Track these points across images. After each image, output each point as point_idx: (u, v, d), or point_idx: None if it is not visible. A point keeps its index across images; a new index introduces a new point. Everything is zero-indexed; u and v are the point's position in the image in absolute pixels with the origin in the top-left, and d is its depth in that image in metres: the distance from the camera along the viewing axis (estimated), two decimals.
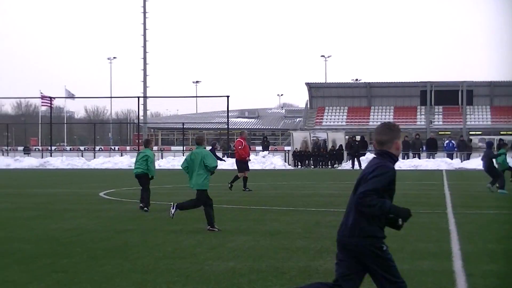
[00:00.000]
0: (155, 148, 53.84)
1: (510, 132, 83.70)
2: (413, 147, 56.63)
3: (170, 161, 57.12)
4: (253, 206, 20.53)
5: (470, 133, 78.30)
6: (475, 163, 52.33)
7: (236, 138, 31.67)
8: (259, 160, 53.55)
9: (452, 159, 54.18)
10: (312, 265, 10.65)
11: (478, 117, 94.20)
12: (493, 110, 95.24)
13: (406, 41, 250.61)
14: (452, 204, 21.16)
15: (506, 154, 27.50)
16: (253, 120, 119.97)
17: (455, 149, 56.90)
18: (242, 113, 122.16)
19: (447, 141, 60.05)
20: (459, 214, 17.92)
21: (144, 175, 19.57)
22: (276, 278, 9.72)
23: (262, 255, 11.62)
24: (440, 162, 52.26)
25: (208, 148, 24.94)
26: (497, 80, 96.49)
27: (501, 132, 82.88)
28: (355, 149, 53.30)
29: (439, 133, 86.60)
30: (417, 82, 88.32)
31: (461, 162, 53.55)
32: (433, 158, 55.16)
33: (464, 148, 56.60)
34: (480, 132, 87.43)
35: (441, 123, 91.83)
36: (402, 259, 11.17)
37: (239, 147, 27.84)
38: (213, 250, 12.12)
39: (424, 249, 12.12)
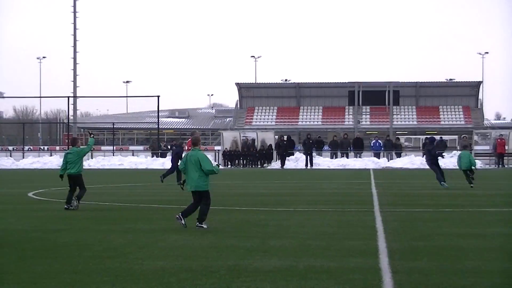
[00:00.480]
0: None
1: (435, 132, 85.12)
2: (341, 147, 57.26)
3: (100, 161, 56.72)
4: (184, 206, 20.54)
5: (397, 132, 79.40)
6: (401, 162, 53.23)
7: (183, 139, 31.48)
8: None
9: (379, 158, 54.90)
10: (241, 264, 10.75)
11: (404, 117, 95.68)
12: (418, 110, 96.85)
13: (335, 42, 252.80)
14: (379, 202, 21.48)
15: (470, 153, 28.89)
16: (183, 120, 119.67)
17: (382, 148, 57.66)
18: (172, 113, 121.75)
19: (374, 141, 60.78)
20: (385, 212, 18.23)
21: (79, 175, 19.47)
22: (206, 277, 9.80)
23: (192, 254, 11.69)
24: (368, 162, 52.91)
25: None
26: (422, 80, 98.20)
27: (427, 132, 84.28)
28: (283, 148, 53.71)
29: (367, 132, 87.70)
30: (345, 82, 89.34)
31: (388, 161, 54.31)
32: (360, 157, 55.81)
33: (391, 148, 57.40)
34: (406, 132, 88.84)
35: (368, 123, 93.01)
36: (330, 257, 11.36)
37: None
38: (143, 250, 12.15)
39: (351, 247, 12.31)
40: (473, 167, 28.16)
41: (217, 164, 15.63)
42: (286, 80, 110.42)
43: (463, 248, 12.11)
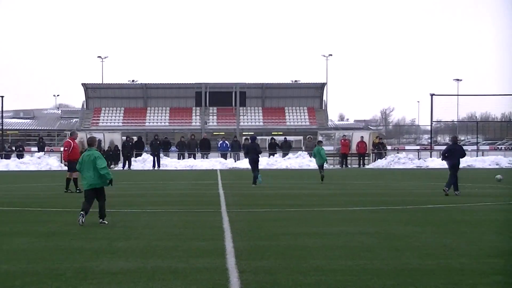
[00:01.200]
0: None
1: (280, 133, 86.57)
2: (189, 148, 57.35)
3: None
4: (28, 208, 20.12)
5: (243, 133, 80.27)
6: (248, 163, 53.80)
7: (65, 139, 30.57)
8: (34, 161, 52.29)
9: (226, 159, 55.33)
10: (88, 266, 10.64)
11: (251, 118, 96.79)
12: (265, 111, 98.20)
13: (182, 43, 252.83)
14: (226, 202, 21.67)
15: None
16: (28, 120, 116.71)
17: (229, 149, 58.13)
18: (17, 114, 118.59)
19: (221, 142, 61.19)
20: (232, 212, 18.42)
21: None
22: (51, 280, 9.64)
23: (37, 257, 11.47)
24: (215, 162, 53.21)
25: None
26: (268, 82, 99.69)
27: (273, 133, 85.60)
28: (128, 149, 53.41)
29: (214, 133, 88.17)
30: (192, 83, 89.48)
31: (235, 162, 54.81)
32: (207, 158, 56.09)
33: (238, 148, 57.96)
34: (252, 133, 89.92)
35: (215, 123, 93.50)
36: (177, 257, 11.39)
37: (65, 148, 27.09)
38: None
39: (198, 247, 12.39)
40: (325, 164, 29.59)
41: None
42: (133, 81, 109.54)
43: (308, 247, 12.39)
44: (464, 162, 53.00)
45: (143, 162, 53.33)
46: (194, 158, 55.67)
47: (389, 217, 17.32)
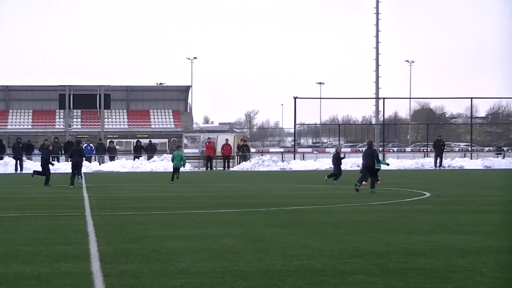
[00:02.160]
0: None
1: (146, 135, 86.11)
2: (52, 151, 56.28)
3: None
4: None
5: (108, 136, 79.40)
6: (113, 165, 53.32)
7: None
8: None
9: (90, 162, 54.63)
10: None
11: (116, 120, 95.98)
12: (130, 114, 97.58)
13: (44, 45, 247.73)
14: (91, 206, 21.45)
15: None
16: None
17: (93, 152, 57.45)
18: None
19: (85, 145, 60.38)
20: (97, 216, 18.24)
21: None
22: None
23: None
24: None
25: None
26: (133, 84, 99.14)
27: (137, 136, 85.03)
28: None
29: (78, 136, 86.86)
30: (56, 86, 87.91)
31: (99, 165, 54.21)
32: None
33: (103, 151, 57.36)
34: (117, 136, 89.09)
35: (80, 126, 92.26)
36: (40, 262, 11.21)
37: None
38: None
39: (62, 252, 12.22)
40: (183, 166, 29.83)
41: None
42: None
43: (174, 250, 12.41)
44: (326, 164, 54.26)
45: (5, 165, 52.02)
46: (58, 161, 54.70)
47: (254, 219, 17.52)
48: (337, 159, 34.04)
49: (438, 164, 54.96)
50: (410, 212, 19.27)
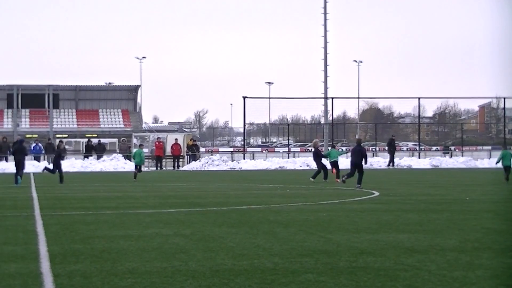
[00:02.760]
0: None
1: (95, 135, 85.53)
2: (1, 151, 55.74)
3: None
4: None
5: (57, 136, 78.73)
6: (63, 165, 52.82)
7: None
8: None
9: (39, 161, 54.14)
10: None
11: (65, 120, 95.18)
12: (78, 114, 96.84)
13: None
14: (40, 206, 21.30)
15: None
16: None
17: (42, 151, 56.96)
18: None
19: (34, 144, 59.86)
20: (46, 216, 18.12)
21: None
22: None
23: None
24: (28, 165, 51.84)
25: None
26: (82, 84, 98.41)
27: (87, 135, 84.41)
28: None
29: (27, 136, 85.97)
30: (4, 85, 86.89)
31: (48, 164, 53.71)
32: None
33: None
34: (67, 135, 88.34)
35: (28, 126, 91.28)
36: None
37: None
38: None
39: (11, 252, 12.13)
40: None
41: None
42: None
43: (123, 250, 12.39)
44: (276, 164, 54.45)
45: None
46: (6, 161, 54.11)
47: (204, 219, 17.55)
48: (316, 155, 34.11)
49: (392, 164, 55.54)
50: (359, 211, 19.45)
